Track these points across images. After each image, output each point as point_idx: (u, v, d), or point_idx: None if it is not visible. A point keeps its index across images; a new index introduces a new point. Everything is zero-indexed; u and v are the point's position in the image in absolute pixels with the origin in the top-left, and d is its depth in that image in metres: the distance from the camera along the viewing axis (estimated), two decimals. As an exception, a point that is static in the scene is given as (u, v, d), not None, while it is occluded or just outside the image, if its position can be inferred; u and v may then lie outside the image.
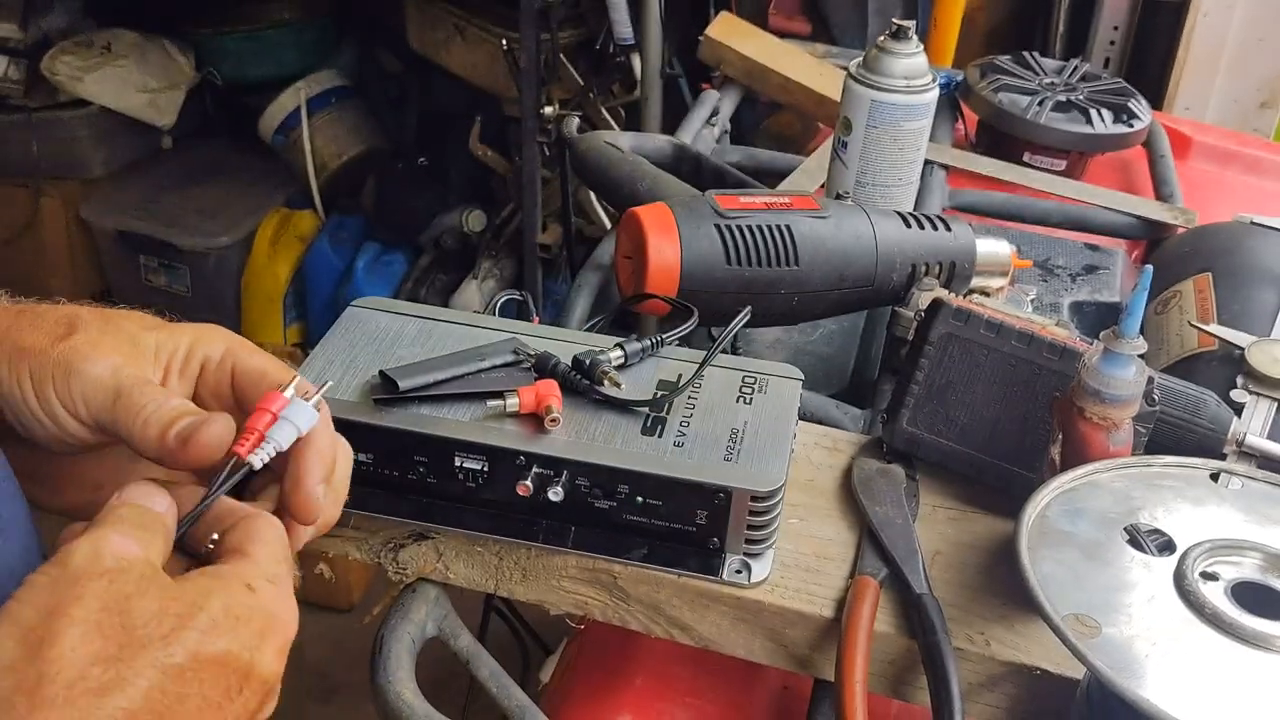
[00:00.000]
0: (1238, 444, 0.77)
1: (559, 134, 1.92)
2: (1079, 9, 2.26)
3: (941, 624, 0.64)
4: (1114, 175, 1.38)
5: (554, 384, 0.69)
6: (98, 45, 2.65)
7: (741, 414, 0.70)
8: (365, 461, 0.69)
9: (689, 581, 0.68)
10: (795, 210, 0.87)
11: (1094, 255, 1.12)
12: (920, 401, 0.76)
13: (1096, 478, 0.66)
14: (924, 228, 0.90)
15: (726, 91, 1.47)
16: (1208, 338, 0.87)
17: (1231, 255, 1.00)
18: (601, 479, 0.67)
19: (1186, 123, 1.58)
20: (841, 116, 1.01)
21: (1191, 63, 2.15)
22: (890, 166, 1.00)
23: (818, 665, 0.69)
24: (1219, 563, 0.60)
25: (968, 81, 1.39)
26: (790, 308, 0.87)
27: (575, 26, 2.41)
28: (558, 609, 0.71)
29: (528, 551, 0.70)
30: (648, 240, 0.83)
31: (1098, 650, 0.53)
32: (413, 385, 0.68)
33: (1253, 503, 0.65)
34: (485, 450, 0.67)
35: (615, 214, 0.99)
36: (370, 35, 2.99)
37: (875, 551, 0.70)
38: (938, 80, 1.00)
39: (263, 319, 2.75)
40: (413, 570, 0.71)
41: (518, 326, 0.77)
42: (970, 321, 0.74)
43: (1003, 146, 1.34)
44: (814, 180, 1.19)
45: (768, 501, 0.66)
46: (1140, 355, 0.65)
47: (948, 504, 0.76)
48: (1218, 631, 0.55)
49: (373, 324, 0.76)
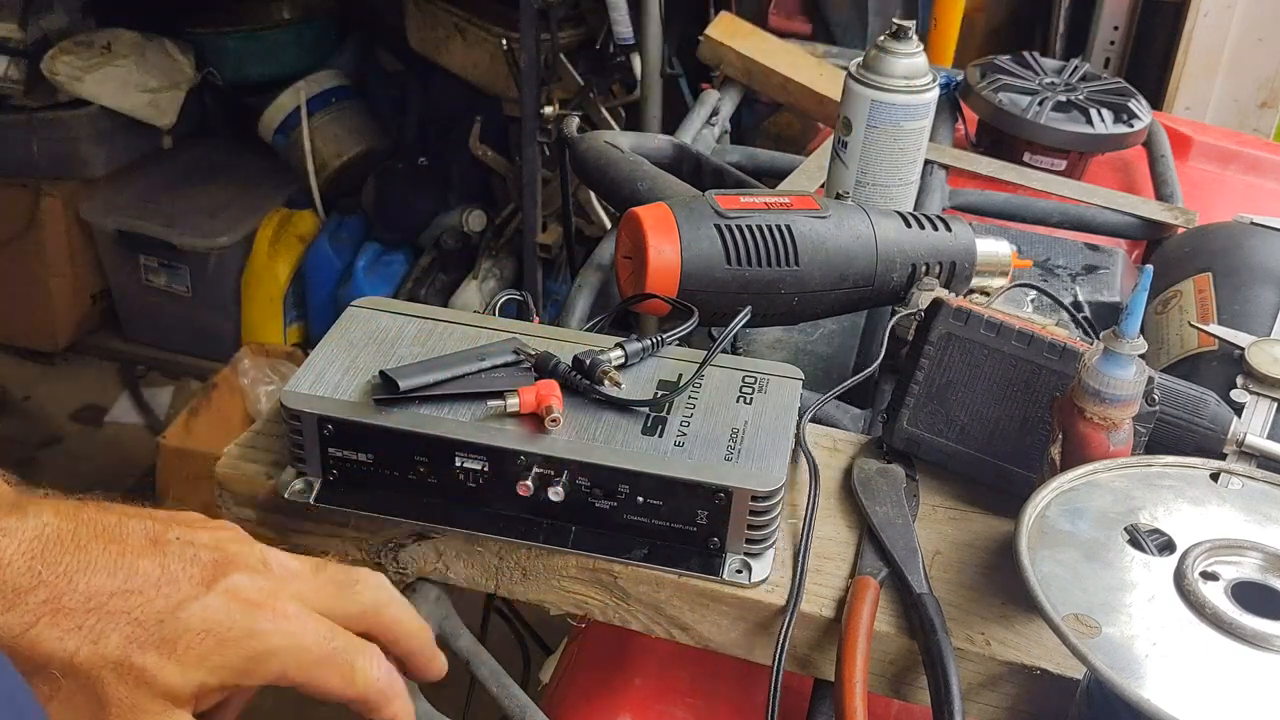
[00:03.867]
0: (1238, 444, 0.77)
1: (559, 134, 1.91)
2: (1079, 9, 2.27)
3: (941, 624, 0.65)
4: (1114, 175, 1.38)
5: (554, 384, 0.69)
6: (98, 45, 2.66)
7: (742, 414, 0.70)
8: (365, 461, 0.69)
9: (689, 581, 0.68)
10: (795, 210, 0.87)
11: (1094, 255, 1.12)
12: (920, 401, 0.76)
13: (1096, 478, 0.66)
14: (924, 228, 0.90)
15: (726, 91, 1.47)
16: (1208, 338, 0.87)
17: (1231, 255, 1.00)
18: (602, 479, 0.67)
19: (1186, 123, 1.58)
20: (841, 116, 1.01)
21: (1191, 63, 2.16)
22: (890, 166, 1.00)
23: (818, 665, 0.69)
24: (1219, 563, 0.60)
25: (968, 81, 1.39)
26: (790, 308, 0.87)
27: (575, 26, 2.41)
28: (558, 609, 0.71)
29: (528, 551, 0.70)
30: (648, 240, 0.83)
31: (1098, 650, 0.53)
32: (413, 385, 0.68)
33: (1253, 503, 0.65)
34: (485, 450, 0.67)
35: (615, 214, 0.99)
36: (370, 35, 2.99)
37: (875, 551, 0.70)
38: (938, 80, 1.00)
39: (263, 319, 2.75)
40: (413, 570, 0.71)
41: (518, 326, 0.77)
42: (970, 321, 0.74)
43: (1003, 146, 1.34)
44: (814, 180, 1.19)
45: (768, 501, 0.66)
46: (1140, 355, 0.65)
47: (948, 504, 0.76)
48: (1218, 631, 0.55)
49: (373, 324, 0.76)
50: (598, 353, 0.71)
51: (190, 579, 0.52)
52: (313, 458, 0.70)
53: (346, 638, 0.55)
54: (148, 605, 0.50)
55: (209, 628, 0.51)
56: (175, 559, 0.52)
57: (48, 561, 0.49)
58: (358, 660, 0.55)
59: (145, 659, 0.50)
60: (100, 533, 0.51)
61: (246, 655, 0.52)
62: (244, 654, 0.52)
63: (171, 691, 0.51)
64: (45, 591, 0.49)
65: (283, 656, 0.53)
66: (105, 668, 0.50)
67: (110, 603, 0.50)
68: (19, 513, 0.49)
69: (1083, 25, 2.27)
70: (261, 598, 0.53)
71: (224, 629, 0.51)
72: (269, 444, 0.75)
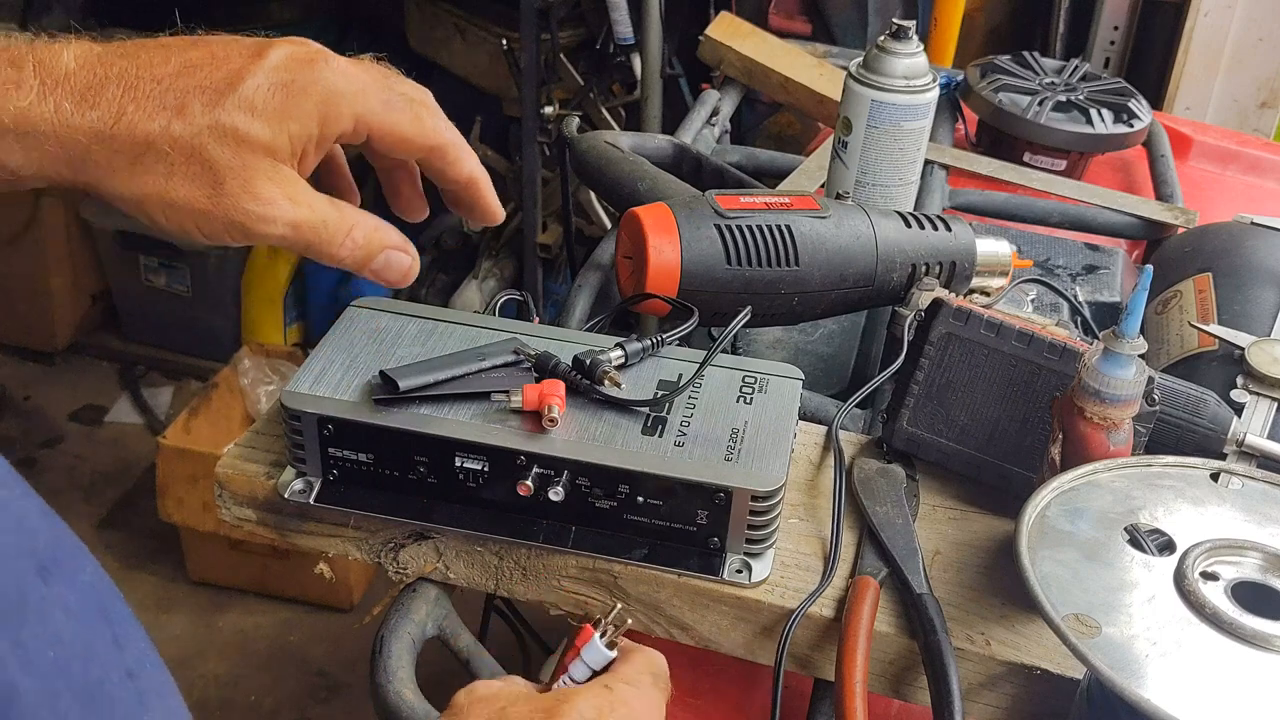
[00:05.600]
0: (1238, 444, 0.77)
1: (559, 134, 1.92)
2: (1079, 9, 2.27)
3: (941, 624, 0.65)
4: (1114, 175, 1.38)
5: (559, 383, 0.69)
6: (98, 45, 2.65)
7: (742, 414, 0.70)
8: (365, 461, 0.69)
9: (689, 581, 0.68)
10: (795, 210, 0.87)
11: (1094, 255, 1.12)
12: (920, 401, 0.76)
13: (1096, 478, 0.66)
14: (924, 228, 0.90)
15: (726, 91, 1.47)
16: (1208, 338, 0.87)
17: (1231, 255, 1.00)
18: (602, 479, 0.67)
19: (1186, 123, 1.58)
20: (841, 116, 1.01)
21: (1191, 63, 2.16)
22: (890, 166, 1.00)
23: (818, 665, 0.69)
24: (1219, 563, 0.60)
25: (968, 81, 1.39)
26: (790, 308, 0.87)
27: (575, 26, 2.41)
28: (558, 609, 0.71)
29: (528, 551, 0.70)
30: (648, 240, 0.83)
31: (1098, 650, 0.53)
32: (413, 385, 0.68)
33: (1253, 503, 0.65)
34: (486, 450, 0.67)
35: (615, 214, 0.99)
36: (370, 35, 2.99)
37: (875, 551, 0.70)
38: (938, 80, 1.00)
39: (263, 319, 2.75)
40: (413, 570, 0.71)
41: (518, 326, 0.77)
42: (970, 321, 0.74)
43: (1003, 146, 1.34)
44: (814, 180, 1.19)
45: (768, 501, 0.66)
46: (1140, 355, 0.65)
47: (948, 504, 0.76)
48: (1218, 631, 0.55)
49: (373, 324, 0.76)
50: (598, 353, 0.71)
51: (240, 54, 0.57)
52: (313, 458, 0.70)
53: (408, 86, 0.61)
54: (212, 75, 0.55)
55: (275, 83, 0.56)
56: (219, 44, 0.57)
57: (106, 64, 0.54)
58: (420, 109, 0.61)
59: (232, 118, 0.55)
60: (143, 43, 0.56)
61: (319, 101, 0.57)
62: (317, 100, 0.57)
63: (270, 148, 0.56)
64: (115, 85, 0.54)
65: (351, 98, 0.58)
66: (201, 134, 0.54)
67: (177, 81, 0.55)
68: (60, 41, 0.55)
69: (1083, 25, 2.27)
70: (313, 54, 0.58)
71: (289, 83, 0.56)
72: (269, 444, 0.74)
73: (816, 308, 0.88)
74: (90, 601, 0.37)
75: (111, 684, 0.36)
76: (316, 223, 0.59)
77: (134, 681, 0.37)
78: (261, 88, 0.56)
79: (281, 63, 0.57)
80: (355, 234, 0.60)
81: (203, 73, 0.55)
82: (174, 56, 0.56)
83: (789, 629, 0.65)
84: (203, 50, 0.56)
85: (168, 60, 0.55)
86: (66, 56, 0.54)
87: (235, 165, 0.55)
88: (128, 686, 0.37)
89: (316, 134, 0.58)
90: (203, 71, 0.55)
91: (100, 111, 0.54)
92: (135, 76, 0.54)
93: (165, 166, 0.54)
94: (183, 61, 0.55)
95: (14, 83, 0.53)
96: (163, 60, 0.55)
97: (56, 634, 0.34)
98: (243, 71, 0.56)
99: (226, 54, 0.56)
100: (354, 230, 0.60)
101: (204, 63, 0.56)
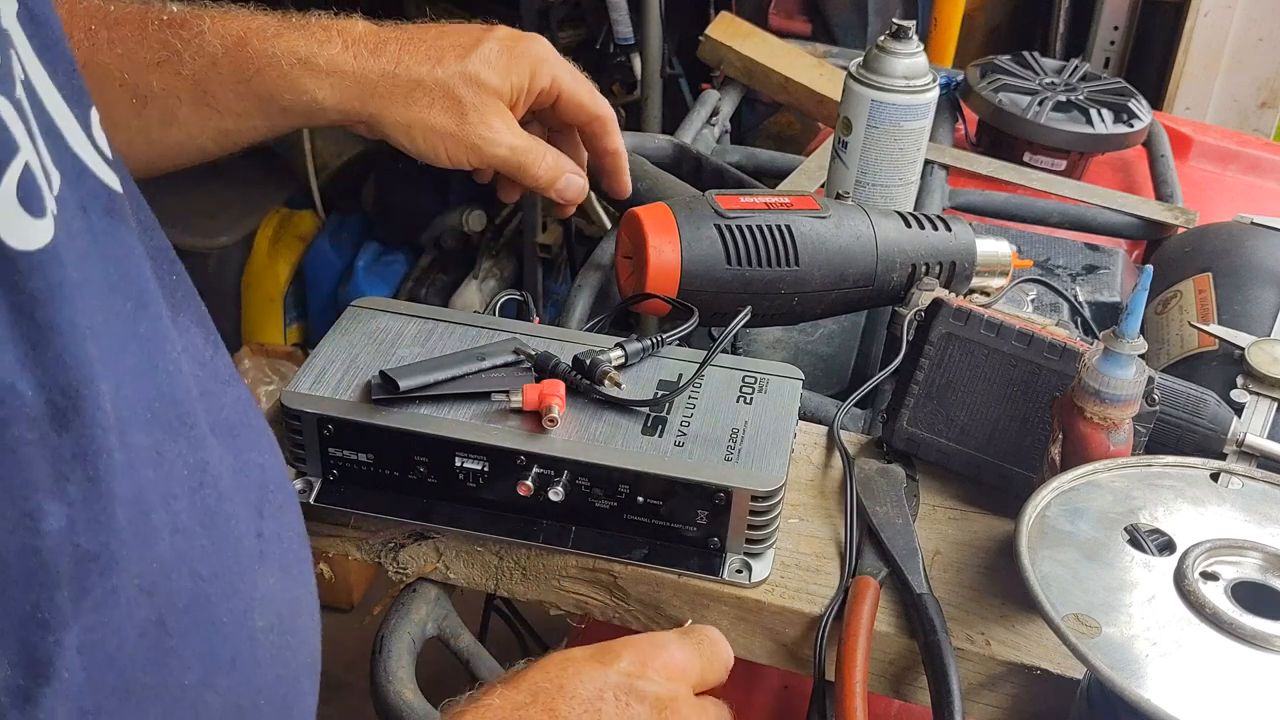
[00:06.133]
0: (1238, 444, 0.77)
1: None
2: (1079, 9, 2.27)
3: (941, 624, 0.65)
4: (1114, 175, 1.38)
5: (559, 383, 0.69)
6: (98, 46, 2.65)
7: (742, 414, 0.70)
8: (365, 461, 0.69)
9: (689, 581, 0.68)
10: (795, 210, 0.87)
11: (1094, 255, 1.12)
12: (920, 401, 0.76)
13: (1096, 478, 0.66)
14: (924, 228, 0.90)
15: (726, 91, 1.47)
16: (1208, 338, 0.87)
17: (1231, 255, 0.99)
18: (602, 479, 0.67)
19: (1186, 123, 1.58)
20: (841, 116, 1.01)
21: (1191, 63, 2.16)
22: (890, 166, 1.00)
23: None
24: (1219, 563, 0.60)
25: (968, 81, 1.39)
26: (790, 308, 0.87)
27: (575, 26, 2.41)
28: (558, 609, 0.71)
29: (528, 551, 0.70)
30: (648, 240, 0.83)
31: (1098, 650, 0.53)
32: (413, 385, 0.68)
33: (1253, 503, 0.65)
34: (485, 450, 0.67)
35: (615, 214, 0.99)
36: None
37: (875, 551, 0.70)
38: (938, 80, 1.00)
39: (263, 319, 2.75)
40: (413, 570, 0.71)
41: (518, 326, 0.77)
42: (970, 321, 0.74)
43: (1003, 146, 1.34)
44: (814, 180, 1.19)
45: (768, 501, 0.66)
46: (1140, 355, 0.65)
47: (948, 504, 0.76)
48: (1218, 631, 0.55)
49: (373, 324, 0.76)
50: (598, 353, 0.71)
51: (476, 29, 0.80)
52: (313, 458, 0.70)
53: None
54: (460, 39, 0.79)
55: (502, 48, 0.79)
56: (459, 26, 0.81)
57: (385, 32, 0.78)
58: (594, 87, 0.85)
59: (475, 68, 0.78)
60: (404, 24, 0.79)
61: (532, 63, 0.80)
62: (530, 62, 0.80)
63: (499, 91, 0.79)
64: (394, 43, 0.77)
65: (551, 64, 0.82)
66: (454, 78, 0.77)
67: (437, 42, 0.78)
68: (350, 17, 0.79)
69: (1083, 25, 2.27)
70: (526, 33, 0.82)
71: (512, 48, 0.80)
72: (269, 444, 0.74)
73: (816, 308, 0.88)
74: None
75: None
76: (526, 148, 0.81)
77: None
78: (494, 49, 0.79)
79: (506, 35, 0.80)
80: (549, 158, 0.83)
81: (453, 37, 0.78)
82: (431, 29, 0.79)
83: (821, 638, 0.65)
84: (449, 27, 0.80)
85: (427, 30, 0.79)
86: (359, 26, 0.77)
87: (476, 102, 0.78)
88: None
89: (527, 87, 0.80)
90: (452, 37, 0.78)
91: (385, 59, 0.76)
92: (408, 38, 0.77)
93: (428, 100, 0.77)
94: (438, 31, 0.79)
95: (326, 40, 0.75)
96: (423, 30, 0.79)
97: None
98: (480, 38, 0.79)
99: (467, 29, 0.80)
100: (548, 155, 0.83)
101: (453, 32, 0.79)
